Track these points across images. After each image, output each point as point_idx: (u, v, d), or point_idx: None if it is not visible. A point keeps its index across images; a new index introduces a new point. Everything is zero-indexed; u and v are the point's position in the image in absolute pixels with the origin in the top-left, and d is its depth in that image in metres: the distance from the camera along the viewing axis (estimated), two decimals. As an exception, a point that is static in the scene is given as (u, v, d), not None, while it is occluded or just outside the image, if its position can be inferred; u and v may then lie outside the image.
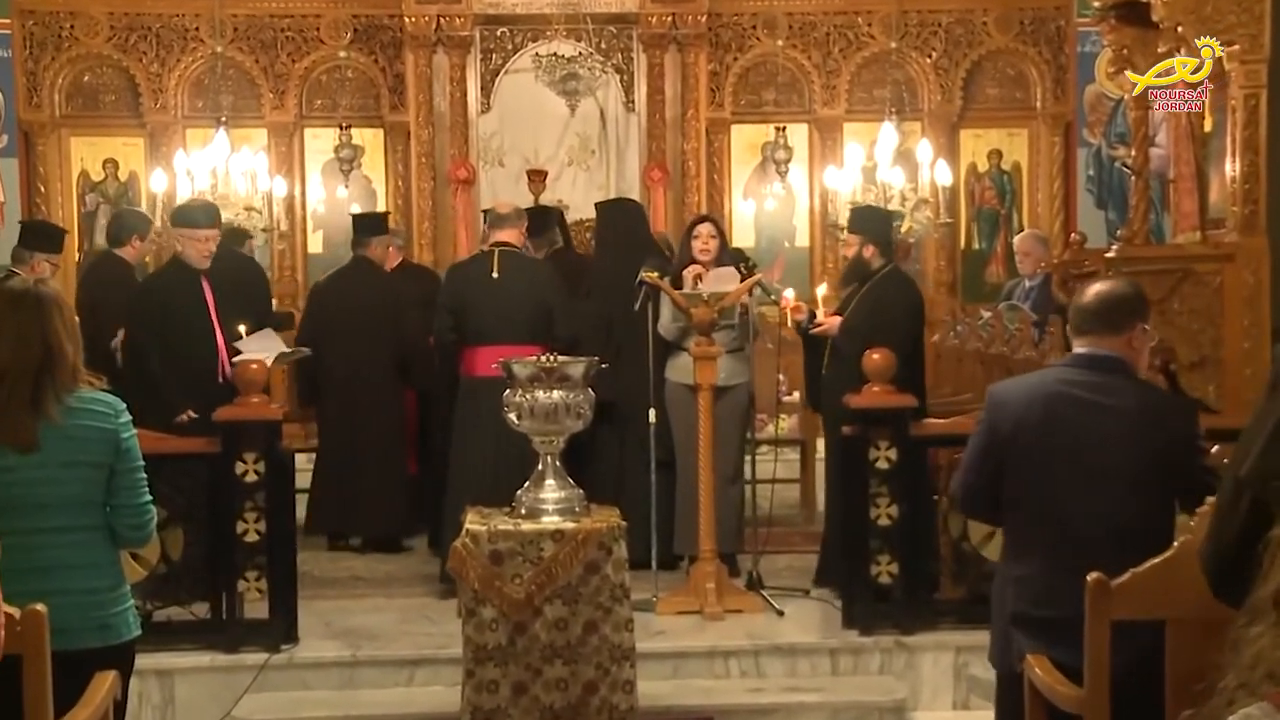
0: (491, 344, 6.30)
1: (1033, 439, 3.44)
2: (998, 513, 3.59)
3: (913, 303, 6.36)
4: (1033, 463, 3.43)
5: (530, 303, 6.36)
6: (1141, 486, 3.33)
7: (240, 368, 5.57)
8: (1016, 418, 3.47)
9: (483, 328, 6.40)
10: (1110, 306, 3.49)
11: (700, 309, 6.01)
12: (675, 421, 6.55)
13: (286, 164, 11.40)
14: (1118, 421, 3.38)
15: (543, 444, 4.96)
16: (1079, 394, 3.43)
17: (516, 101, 11.56)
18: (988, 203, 11.89)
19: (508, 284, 6.40)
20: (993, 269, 11.80)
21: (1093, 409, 3.41)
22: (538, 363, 4.94)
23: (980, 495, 3.58)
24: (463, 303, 6.44)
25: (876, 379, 5.66)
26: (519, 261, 6.52)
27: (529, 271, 6.51)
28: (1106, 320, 3.48)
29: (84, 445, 3.32)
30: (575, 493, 4.97)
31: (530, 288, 6.40)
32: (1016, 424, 3.46)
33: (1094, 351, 3.48)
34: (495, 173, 11.67)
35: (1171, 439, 3.39)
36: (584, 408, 4.93)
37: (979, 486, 3.56)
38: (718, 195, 11.57)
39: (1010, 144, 11.83)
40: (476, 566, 4.80)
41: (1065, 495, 3.39)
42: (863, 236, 6.46)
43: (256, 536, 5.44)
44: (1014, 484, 3.48)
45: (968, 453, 3.59)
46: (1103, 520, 3.34)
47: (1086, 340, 3.49)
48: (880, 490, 5.61)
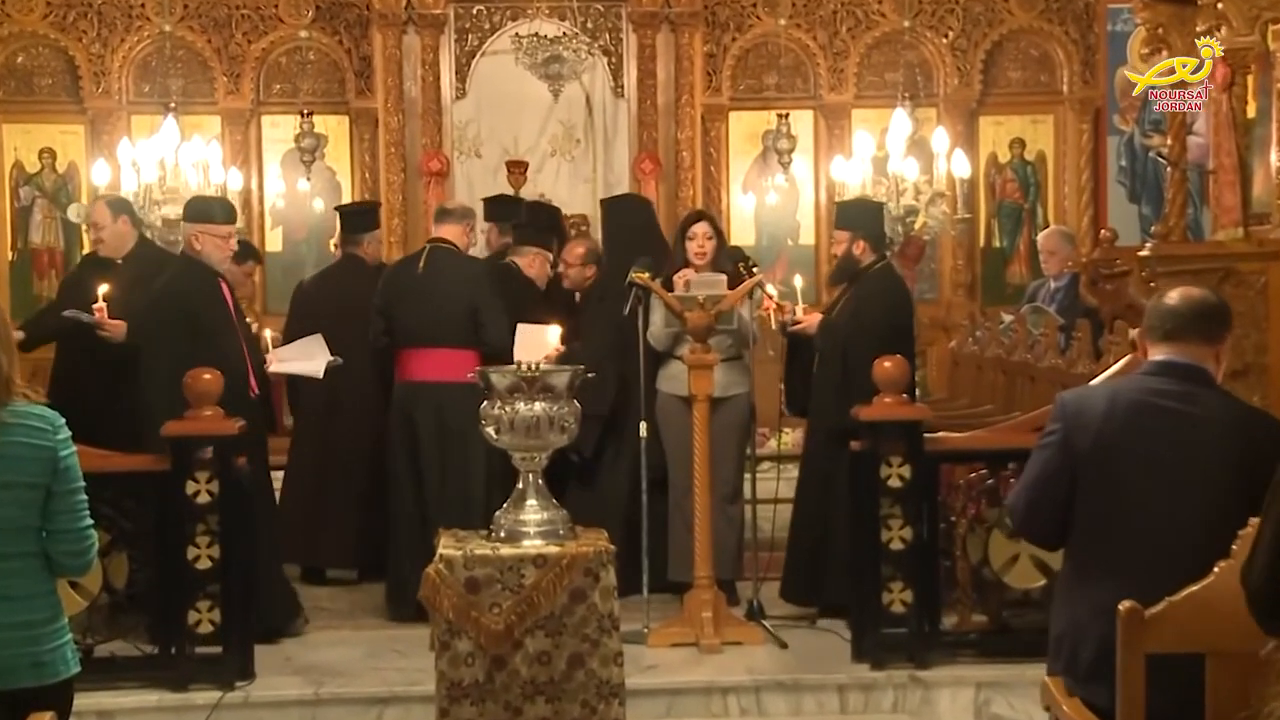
0: (420, 346, 6.40)
1: (1115, 452, 3.41)
2: (1062, 533, 3.55)
3: (894, 300, 6.38)
4: (1114, 478, 3.40)
5: (456, 303, 6.43)
6: (1232, 504, 3.32)
7: (191, 377, 5.55)
8: (1095, 429, 3.44)
9: (410, 329, 6.51)
10: (1207, 314, 3.51)
11: (695, 313, 6.02)
12: (668, 436, 6.55)
13: (242, 154, 11.38)
14: (1207, 434, 3.38)
15: (524, 460, 4.96)
16: (1165, 404, 3.42)
17: (494, 86, 11.55)
18: (1009, 196, 11.91)
19: (434, 283, 6.50)
20: (1015, 269, 11.82)
21: (1181, 421, 3.40)
22: (518, 372, 4.94)
23: (1046, 513, 3.54)
24: (390, 303, 6.57)
25: (888, 389, 5.67)
26: (450, 260, 6.61)
27: (459, 270, 6.58)
28: (1201, 328, 3.49)
29: (18, 464, 3.30)
30: (559, 514, 4.97)
31: (456, 286, 6.47)
32: (1096, 436, 3.43)
33: (1181, 360, 3.47)
34: (471, 164, 11.66)
35: (1261, 455, 3.37)
36: (568, 420, 4.93)
37: (1045, 504, 3.52)
38: (714, 188, 11.58)
39: (1034, 132, 11.85)
40: (451, 595, 4.79)
41: (1150, 512, 3.38)
42: (852, 232, 6.49)
43: (209, 563, 5.43)
44: (1091, 501, 3.45)
45: (1033, 467, 3.55)
46: (1189, 539, 3.32)
47: (1173, 348, 3.47)
48: (892, 511, 5.61)
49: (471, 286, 6.49)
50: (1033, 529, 3.67)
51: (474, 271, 6.67)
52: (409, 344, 6.53)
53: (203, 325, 5.99)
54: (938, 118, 11.40)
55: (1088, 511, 3.45)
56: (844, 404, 5.93)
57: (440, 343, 6.40)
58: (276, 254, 11.52)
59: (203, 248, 6.14)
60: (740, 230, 11.56)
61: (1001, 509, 5.60)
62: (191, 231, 6.19)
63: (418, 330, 6.50)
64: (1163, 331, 3.49)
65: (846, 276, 6.53)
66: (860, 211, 6.75)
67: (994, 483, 5.69)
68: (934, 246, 11.53)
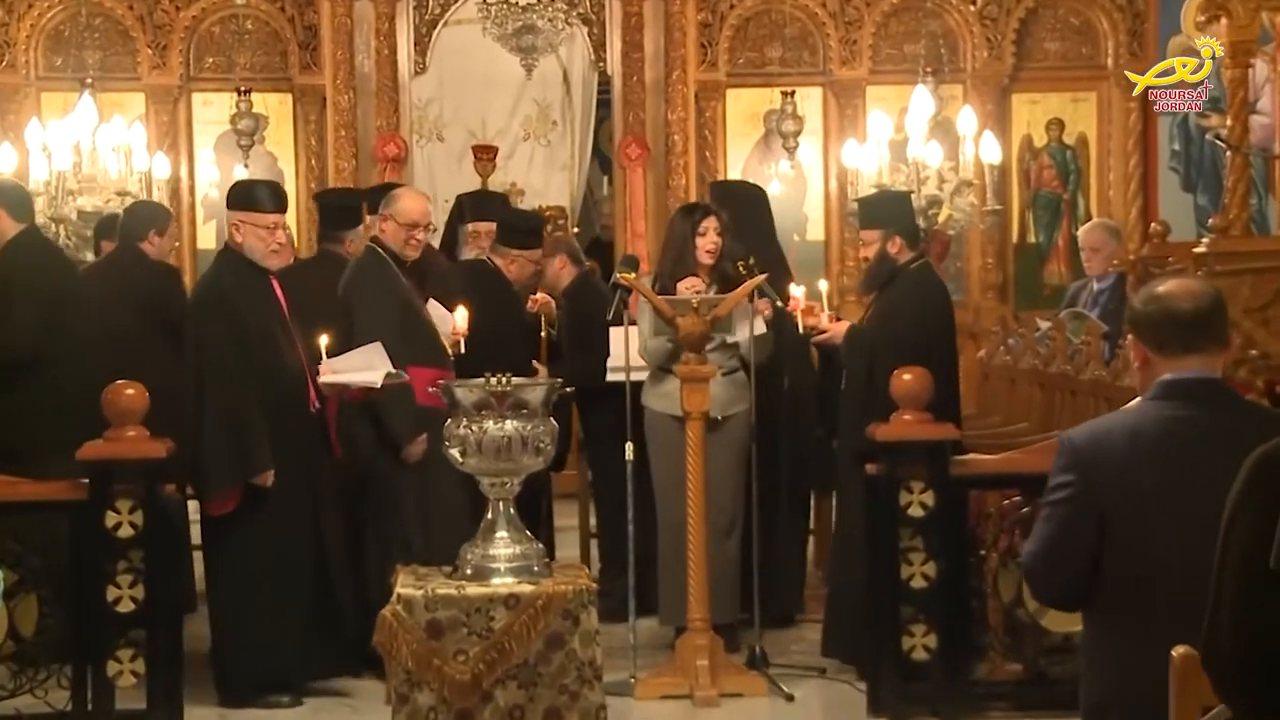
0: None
1: (1148, 499, 3.32)
2: (1087, 594, 3.46)
3: (928, 305, 6.37)
4: (1150, 528, 3.32)
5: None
6: None
7: (112, 393, 5.53)
8: (1120, 474, 3.35)
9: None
10: (1216, 312, 3.37)
11: (689, 318, 6.02)
12: (658, 460, 6.55)
13: (170, 137, 11.38)
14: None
15: (493, 487, 4.96)
16: (1196, 434, 3.32)
17: (459, 60, 11.58)
18: (1046, 185, 11.94)
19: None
20: (1053, 268, 11.85)
21: (1215, 452, 3.29)
22: (486, 386, 4.94)
23: (1069, 575, 3.44)
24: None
25: (908, 404, 5.67)
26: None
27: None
28: (1219, 331, 3.37)
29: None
30: (533, 547, 4.97)
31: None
32: (1122, 483, 3.34)
33: (1199, 376, 3.33)
34: (433, 149, 11.69)
35: None
36: (544, 441, 4.93)
37: (1067, 565, 3.42)
38: (710, 176, 11.56)
39: (1074, 112, 11.89)
40: (410, 641, 4.78)
41: (1193, 559, 3.29)
42: (883, 230, 6.45)
43: (132, 605, 5.41)
44: (1123, 555, 3.36)
45: (1047, 526, 3.45)
46: None
47: (1191, 361, 3.34)
48: (913, 543, 5.62)
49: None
50: (1054, 594, 3.58)
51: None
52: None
53: (253, 332, 5.91)
54: (964, 96, 11.44)
55: (1119, 567, 3.38)
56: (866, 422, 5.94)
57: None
58: (209, 251, 11.47)
59: (244, 239, 6.04)
60: (740, 224, 11.60)
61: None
62: (232, 220, 6.11)
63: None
64: (1182, 343, 3.34)
65: (881, 281, 6.47)
66: (888, 205, 6.74)
67: (1029, 511, 5.69)
68: (960, 243, 11.55)
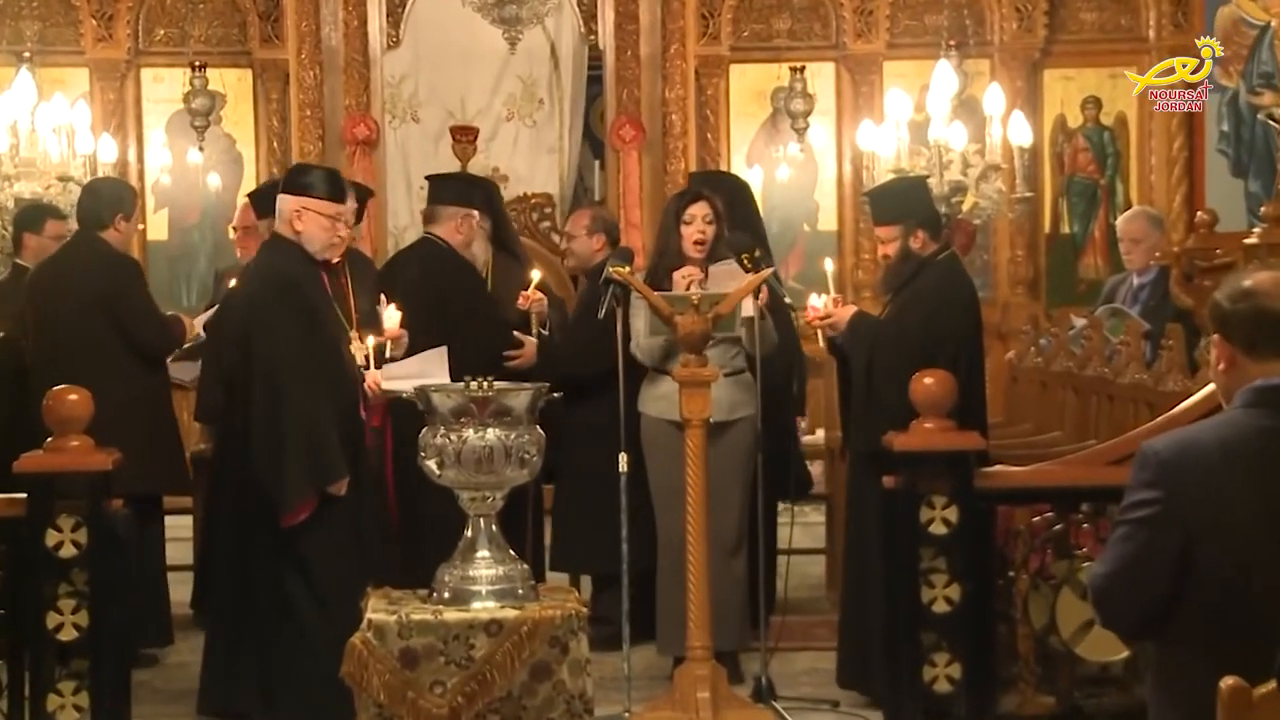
0: None
1: (1244, 520, 3.32)
2: (1164, 622, 3.44)
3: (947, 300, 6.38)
4: (1244, 551, 3.32)
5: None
6: None
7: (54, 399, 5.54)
8: (1212, 491, 3.34)
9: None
10: None
11: (688, 317, 6.03)
12: (655, 471, 6.57)
13: (116, 117, 11.39)
14: None
15: (473, 501, 4.97)
16: None
17: (436, 33, 11.58)
18: (1082, 170, 11.97)
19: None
20: (1089, 261, 11.87)
21: None
22: (466, 391, 4.96)
23: (1147, 603, 3.42)
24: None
25: (929, 411, 5.69)
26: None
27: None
28: None
29: None
30: (517, 568, 4.98)
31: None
32: (1216, 500, 3.33)
33: None
34: (407, 130, 11.69)
35: None
36: (530, 451, 4.94)
37: (1146, 591, 3.40)
38: (712, 160, 11.60)
39: (1113, 90, 11.90)
40: (382, 671, 4.79)
41: None
42: (903, 224, 6.46)
43: (75, 633, 5.41)
44: (1212, 581, 3.35)
45: (1125, 546, 3.41)
46: None
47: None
48: (935, 564, 5.63)
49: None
50: (1129, 621, 3.51)
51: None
52: None
53: (322, 328, 6.04)
54: (992, 72, 11.46)
55: (1206, 592, 3.35)
56: (875, 427, 5.96)
57: None
58: (161, 243, 11.53)
59: (304, 228, 6.10)
60: (744, 213, 11.61)
61: (1073, 561, 5.63)
62: (292, 206, 6.13)
63: None
64: (1268, 343, 3.32)
65: (905, 280, 6.47)
66: (904, 195, 6.73)
67: (1063, 528, 5.71)
68: (987, 233, 11.57)
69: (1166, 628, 3.38)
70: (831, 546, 8.29)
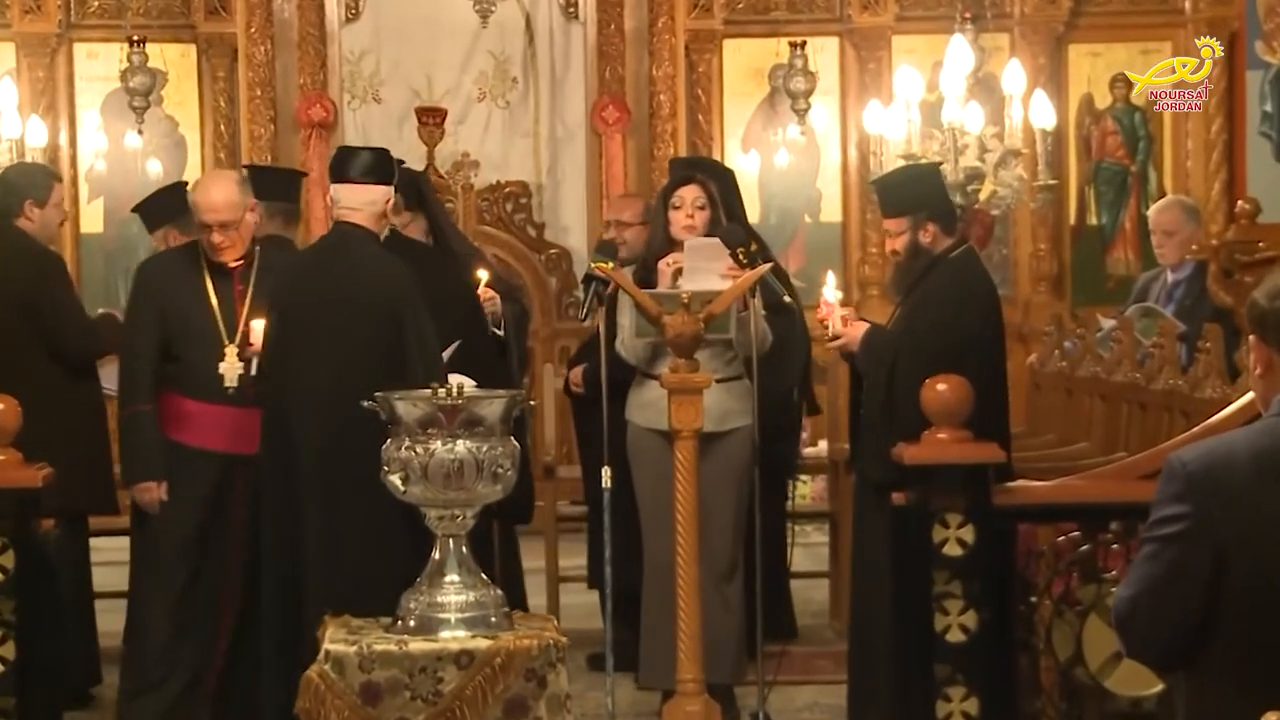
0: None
1: (1276, 531, 3.32)
2: (1193, 650, 3.44)
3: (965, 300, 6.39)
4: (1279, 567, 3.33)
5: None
6: None
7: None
8: (1246, 506, 3.35)
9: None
10: None
11: (678, 316, 6.04)
12: (641, 485, 6.58)
13: (46, 97, 11.36)
14: None
15: (441, 521, 4.97)
16: None
17: (399, 6, 11.58)
18: (1111, 155, 11.98)
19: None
20: (1118, 255, 11.89)
21: None
22: (434, 399, 4.96)
23: (1176, 628, 3.43)
24: None
25: (942, 420, 5.70)
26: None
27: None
28: None
29: None
30: (490, 594, 4.98)
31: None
32: (1244, 507, 3.34)
33: None
34: (368, 112, 11.69)
35: None
36: (503, 465, 4.95)
37: (1175, 616, 3.41)
38: (704, 144, 11.61)
39: (1145, 66, 11.87)
40: (341, 708, 4.79)
41: None
42: (912, 216, 6.47)
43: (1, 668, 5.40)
44: (1246, 605, 3.36)
45: (1152, 566, 3.42)
46: None
47: None
48: (949, 588, 5.63)
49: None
50: (1154, 649, 3.52)
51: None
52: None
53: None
54: (1011, 47, 11.47)
55: (1240, 618, 3.36)
56: (889, 447, 5.97)
57: None
58: (96, 235, 11.50)
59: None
60: (740, 203, 11.62)
61: (1101, 585, 5.63)
62: (385, 198, 6.24)
63: None
64: None
65: (916, 278, 6.48)
66: (914, 185, 6.74)
67: (1090, 549, 5.71)
68: (1006, 225, 11.58)
69: (1198, 657, 3.39)
70: (835, 569, 8.30)
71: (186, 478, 6.34)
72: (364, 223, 6.14)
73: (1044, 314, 11.11)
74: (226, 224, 6.35)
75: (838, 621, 8.20)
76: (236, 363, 6.31)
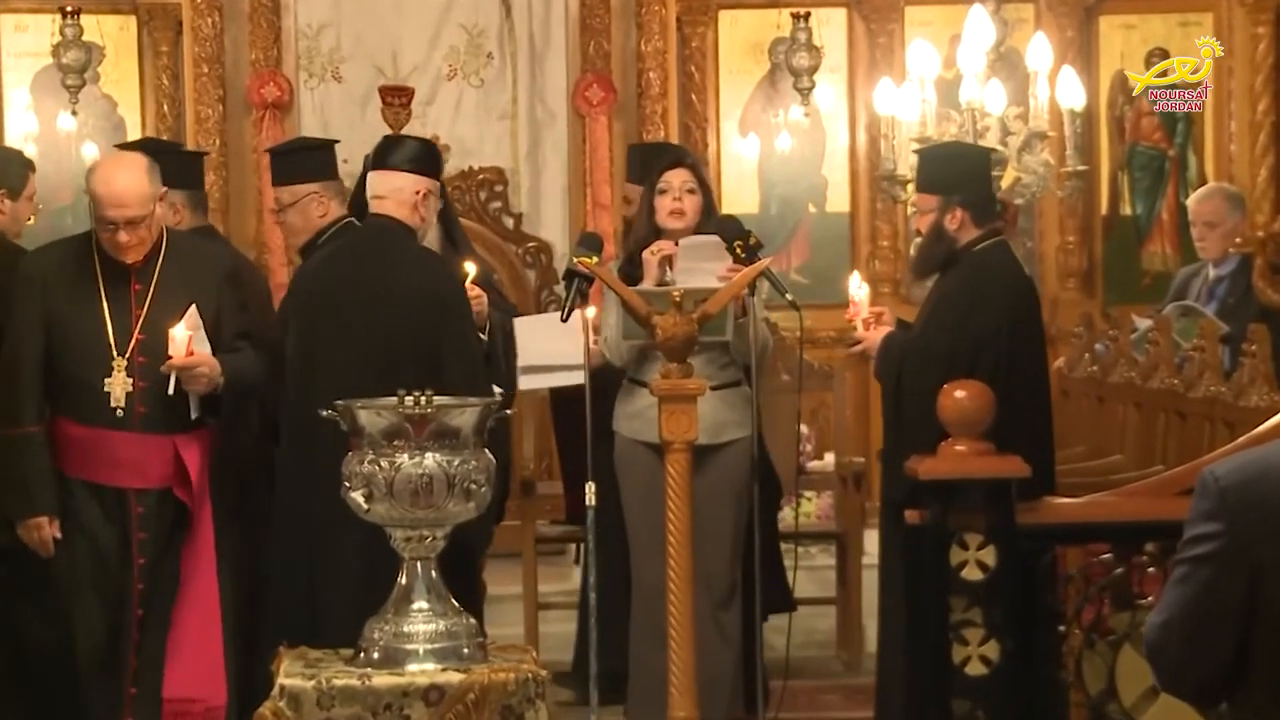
0: None
1: None
2: (1233, 683, 3.46)
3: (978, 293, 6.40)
4: None
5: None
6: None
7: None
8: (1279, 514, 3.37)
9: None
10: None
11: (670, 316, 6.04)
12: (630, 503, 6.59)
13: (-29, 75, 11.39)
14: None
15: (409, 542, 4.97)
16: None
17: (361, -26, 11.59)
18: (1147, 138, 11.99)
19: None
20: (1154, 248, 11.90)
21: None
22: (400, 407, 4.96)
23: (1213, 659, 3.44)
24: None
25: (961, 430, 5.71)
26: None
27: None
28: None
29: None
30: (464, 622, 4.99)
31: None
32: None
33: None
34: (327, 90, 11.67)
35: None
36: (477, 480, 4.95)
37: (1212, 645, 3.43)
38: (697, 127, 11.62)
39: (1184, 39, 11.90)
40: (298, 749, 4.80)
41: None
42: (943, 196, 6.51)
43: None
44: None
45: (1184, 590, 3.43)
46: None
47: None
48: (969, 616, 5.64)
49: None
50: (1189, 680, 3.52)
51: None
52: None
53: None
54: (1036, 19, 11.49)
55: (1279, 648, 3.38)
56: (898, 460, 5.99)
57: None
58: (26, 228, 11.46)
59: (427, 215, 6.31)
60: (737, 191, 11.63)
61: (1135, 612, 5.64)
62: (419, 189, 6.29)
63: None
64: None
65: (936, 265, 6.53)
66: (955, 163, 6.78)
67: (1124, 573, 5.72)
68: (1031, 216, 11.59)
69: (1237, 690, 3.41)
70: (843, 595, 8.31)
71: (69, 515, 6.00)
72: (396, 213, 6.18)
73: (1073, 313, 11.12)
74: (135, 220, 5.92)
75: (846, 652, 8.22)
76: (125, 379, 5.95)
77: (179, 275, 6.08)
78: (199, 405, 5.99)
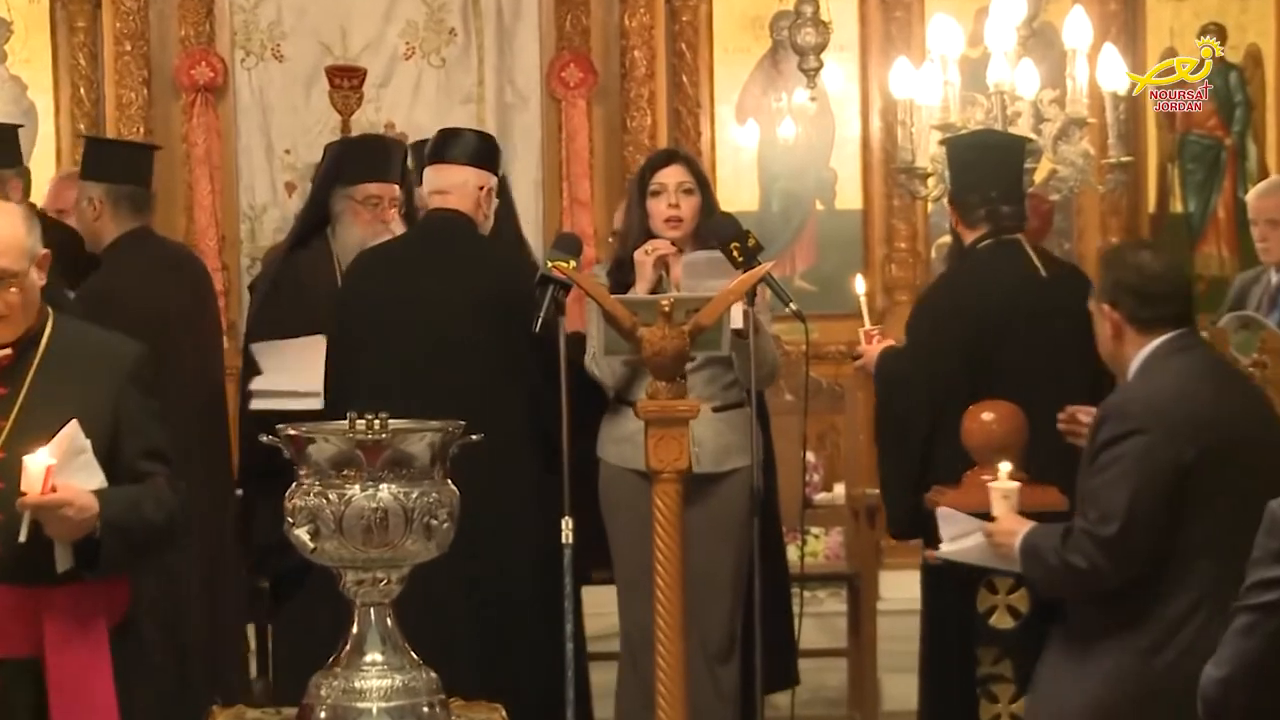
0: None
1: None
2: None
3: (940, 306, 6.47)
4: None
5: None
6: None
7: None
8: None
9: None
10: None
11: (658, 329, 6.04)
12: (617, 539, 6.60)
13: None
14: None
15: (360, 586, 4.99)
16: None
17: (306, -60, 11.62)
18: (1200, 126, 12.03)
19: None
20: (1209, 250, 11.94)
21: None
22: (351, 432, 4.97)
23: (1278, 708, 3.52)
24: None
25: (986, 456, 5.72)
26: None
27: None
28: None
29: None
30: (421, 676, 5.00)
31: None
32: None
33: None
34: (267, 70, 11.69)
35: None
36: (438, 515, 4.96)
37: (1277, 692, 3.51)
38: (690, 114, 11.65)
39: (1242, 13, 11.96)
40: (235, 820, 4.82)
41: None
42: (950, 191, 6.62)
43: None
44: None
45: (1249, 635, 3.45)
46: None
47: None
48: (998, 670, 5.66)
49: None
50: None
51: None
52: None
53: None
54: (1074, -9, 11.55)
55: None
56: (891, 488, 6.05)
57: None
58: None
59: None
60: (735, 186, 11.65)
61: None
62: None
63: None
64: None
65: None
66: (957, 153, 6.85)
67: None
68: (1069, 213, 11.63)
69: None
70: (855, 646, 8.32)
71: None
72: (460, 207, 6.55)
73: (1116, 323, 11.15)
74: (2, 276, 4.94)
75: (859, 712, 8.23)
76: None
77: (62, 374, 5.12)
78: (68, 555, 4.97)
